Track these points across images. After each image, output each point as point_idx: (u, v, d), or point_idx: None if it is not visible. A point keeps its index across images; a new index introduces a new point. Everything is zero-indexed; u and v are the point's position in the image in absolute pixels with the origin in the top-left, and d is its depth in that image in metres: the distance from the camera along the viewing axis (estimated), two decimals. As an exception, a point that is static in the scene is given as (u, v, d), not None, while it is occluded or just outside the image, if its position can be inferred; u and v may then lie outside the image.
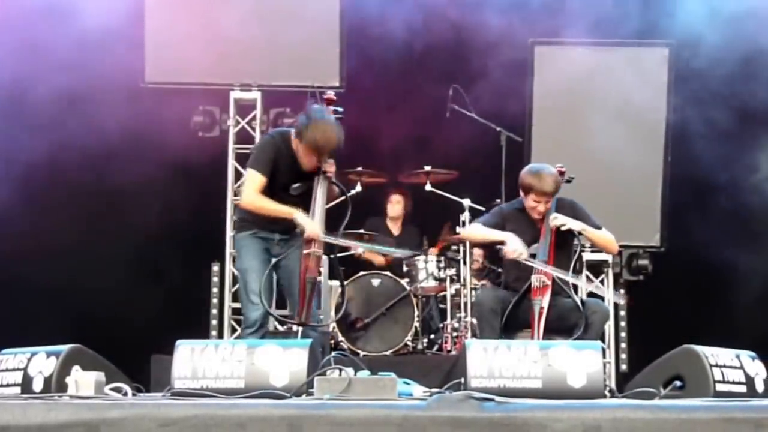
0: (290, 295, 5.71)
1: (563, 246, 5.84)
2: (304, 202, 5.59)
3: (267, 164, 5.57)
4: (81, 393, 4.16)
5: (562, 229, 5.78)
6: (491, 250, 6.45)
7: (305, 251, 5.52)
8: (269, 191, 5.60)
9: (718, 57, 7.61)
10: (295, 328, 5.65)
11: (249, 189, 5.59)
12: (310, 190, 5.62)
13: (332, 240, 5.61)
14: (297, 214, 5.51)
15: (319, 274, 5.68)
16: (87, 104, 7.85)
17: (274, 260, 5.64)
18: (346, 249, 7.93)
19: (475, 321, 6.58)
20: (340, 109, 5.78)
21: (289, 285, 5.68)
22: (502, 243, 5.83)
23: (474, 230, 6.19)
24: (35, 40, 7.56)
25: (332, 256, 5.84)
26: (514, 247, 5.75)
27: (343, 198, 5.82)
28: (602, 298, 8.06)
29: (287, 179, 5.61)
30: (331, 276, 6.25)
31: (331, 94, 5.85)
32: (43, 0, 7.50)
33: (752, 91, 7.93)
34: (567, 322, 5.66)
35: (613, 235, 6.02)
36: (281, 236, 5.68)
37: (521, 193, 5.92)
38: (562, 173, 6.11)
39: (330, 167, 5.61)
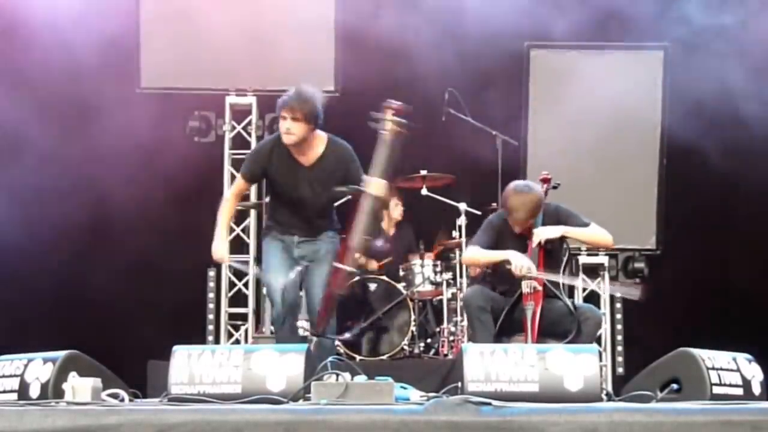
0: (309, 301, 5.72)
1: (552, 253, 5.82)
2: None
3: (249, 167, 5.66)
4: (78, 399, 4.15)
5: (543, 242, 5.76)
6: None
7: (336, 264, 5.46)
8: (285, 203, 5.61)
9: (713, 59, 7.63)
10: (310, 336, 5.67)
11: (230, 190, 5.78)
12: (350, 199, 5.63)
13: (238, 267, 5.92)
14: (215, 238, 5.69)
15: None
16: (83, 110, 7.85)
17: (303, 263, 5.63)
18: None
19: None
20: (405, 121, 5.43)
21: (310, 292, 5.67)
22: (507, 262, 5.72)
23: (475, 255, 5.93)
24: (30, 46, 7.56)
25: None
26: (520, 263, 5.65)
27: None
28: (597, 301, 8.13)
29: (291, 181, 5.55)
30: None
31: (399, 105, 5.46)
32: (37, 6, 7.51)
33: (749, 93, 7.94)
34: (560, 327, 5.63)
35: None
36: (301, 238, 5.65)
37: None
38: (547, 180, 6.10)
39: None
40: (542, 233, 5.75)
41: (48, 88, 7.73)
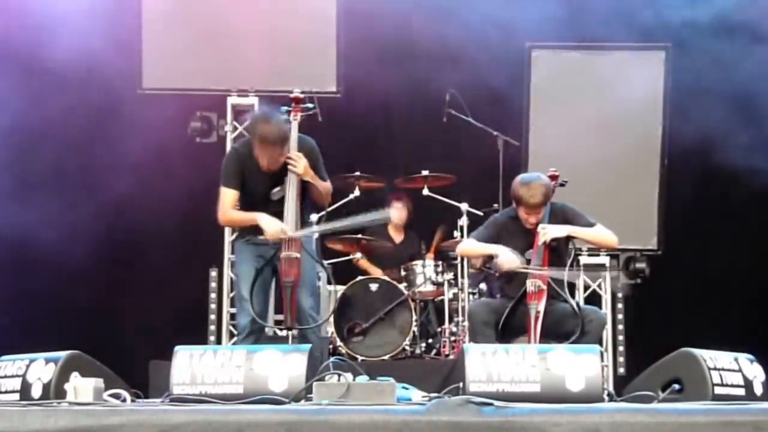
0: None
1: (557, 251, 5.83)
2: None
3: (233, 178, 5.61)
4: (80, 399, 4.16)
5: (548, 240, 5.77)
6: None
7: (281, 255, 5.48)
8: (250, 202, 5.63)
9: (714, 59, 7.63)
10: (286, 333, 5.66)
11: (221, 206, 5.63)
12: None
13: (304, 233, 5.55)
14: (260, 218, 5.47)
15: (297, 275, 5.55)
16: (84, 110, 7.85)
17: (259, 265, 5.61)
18: (342, 254, 7.94)
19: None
20: (311, 106, 5.79)
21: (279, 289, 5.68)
22: (494, 256, 5.84)
23: (468, 246, 6.21)
24: (32, 46, 7.56)
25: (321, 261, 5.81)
26: (506, 258, 5.74)
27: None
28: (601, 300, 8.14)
29: (262, 186, 5.58)
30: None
31: (297, 93, 5.82)
32: (39, 6, 7.51)
33: (749, 94, 7.94)
34: (563, 328, 5.64)
35: (610, 236, 6.01)
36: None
37: (513, 203, 5.91)
38: (555, 177, 6.10)
39: (294, 163, 5.52)
40: (549, 232, 5.76)
41: (48, 89, 7.73)
